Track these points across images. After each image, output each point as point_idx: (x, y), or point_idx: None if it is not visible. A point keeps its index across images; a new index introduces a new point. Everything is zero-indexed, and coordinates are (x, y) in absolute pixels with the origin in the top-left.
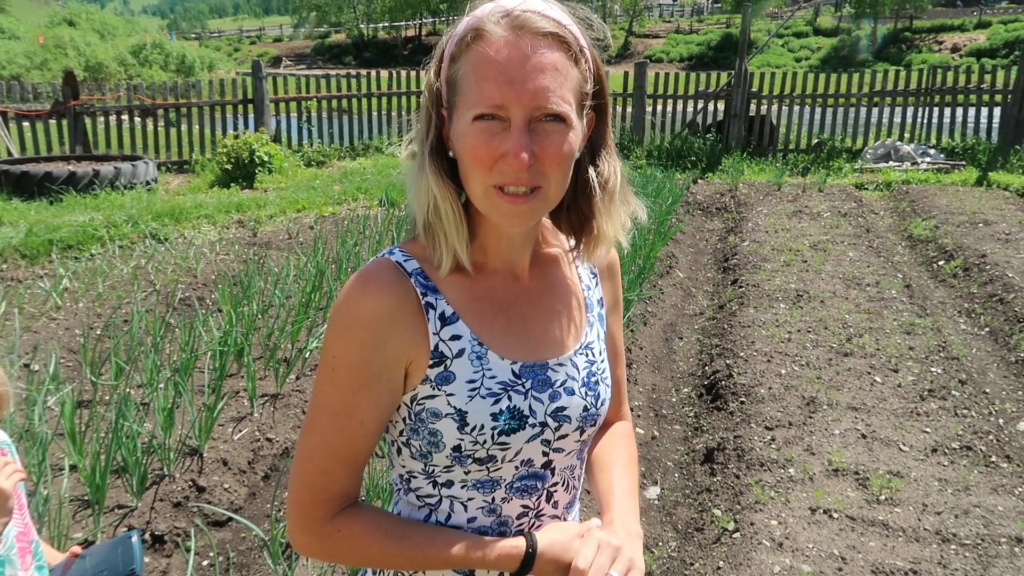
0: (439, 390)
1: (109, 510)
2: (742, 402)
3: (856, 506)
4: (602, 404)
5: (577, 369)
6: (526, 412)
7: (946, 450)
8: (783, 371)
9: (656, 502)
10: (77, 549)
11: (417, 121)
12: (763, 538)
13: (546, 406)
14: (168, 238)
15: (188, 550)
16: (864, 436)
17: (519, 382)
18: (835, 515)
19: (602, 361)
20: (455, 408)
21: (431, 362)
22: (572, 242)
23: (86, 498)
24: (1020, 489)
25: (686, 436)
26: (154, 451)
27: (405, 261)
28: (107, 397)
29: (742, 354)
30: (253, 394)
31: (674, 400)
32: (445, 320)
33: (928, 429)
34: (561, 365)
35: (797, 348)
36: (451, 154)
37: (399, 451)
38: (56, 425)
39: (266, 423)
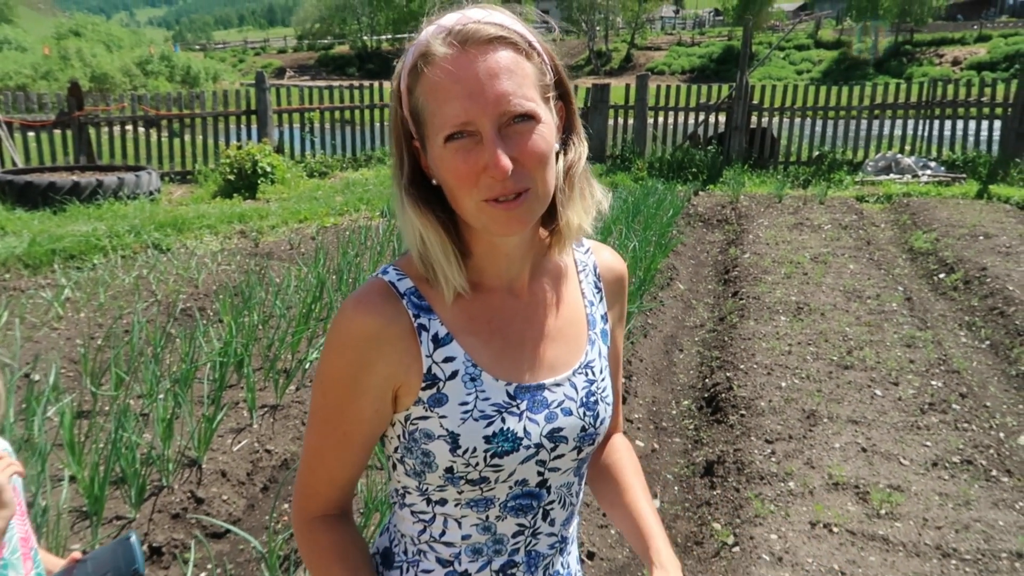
0: (432, 412)
1: (107, 521)
2: (742, 415)
3: (856, 520)
4: (601, 423)
5: (576, 389)
6: (520, 434)
7: (946, 464)
8: (783, 384)
9: None
10: (77, 555)
11: (390, 156)
12: (762, 552)
13: (541, 427)
14: (170, 248)
15: (186, 562)
16: (864, 450)
17: (513, 404)
18: (835, 529)
19: (603, 380)
20: (447, 430)
21: (424, 384)
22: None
23: (84, 509)
24: (1021, 504)
25: (686, 449)
26: (153, 462)
27: (399, 281)
28: (107, 408)
29: (742, 367)
30: (252, 405)
31: (674, 413)
32: (438, 341)
33: (928, 443)
34: (559, 385)
35: (797, 361)
36: (434, 182)
37: (395, 466)
38: (55, 436)
39: (265, 434)
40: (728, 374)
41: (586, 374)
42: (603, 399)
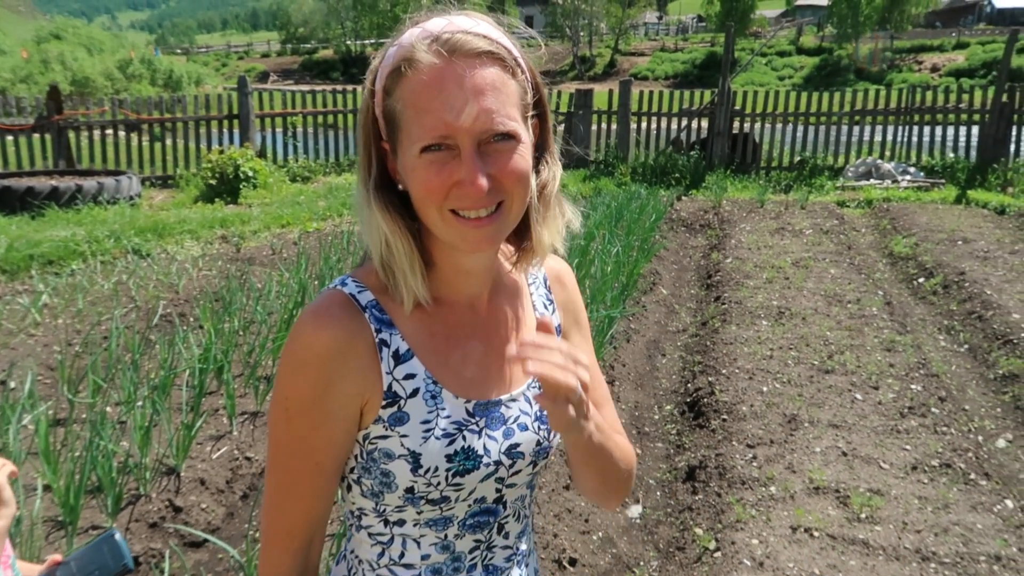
0: (392, 431)
1: (83, 531)
2: (724, 420)
3: (837, 524)
4: (554, 436)
5: (530, 404)
6: (480, 452)
7: (926, 468)
8: (765, 388)
9: (638, 521)
10: (57, 557)
11: (357, 156)
12: (744, 557)
13: (500, 444)
14: (151, 254)
15: (162, 572)
16: (845, 454)
17: (473, 421)
18: (816, 534)
19: None
20: (408, 450)
21: (384, 402)
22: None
23: (60, 519)
24: (999, 507)
25: (668, 454)
26: (130, 470)
27: (359, 293)
28: (84, 415)
29: (724, 371)
30: (232, 412)
31: (656, 418)
32: (399, 358)
33: (908, 446)
34: (514, 401)
35: (779, 365)
36: (400, 187)
37: (349, 488)
38: (30, 444)
39: (245, 441)
40: (710, 379)
41: (540, 387)
42: None
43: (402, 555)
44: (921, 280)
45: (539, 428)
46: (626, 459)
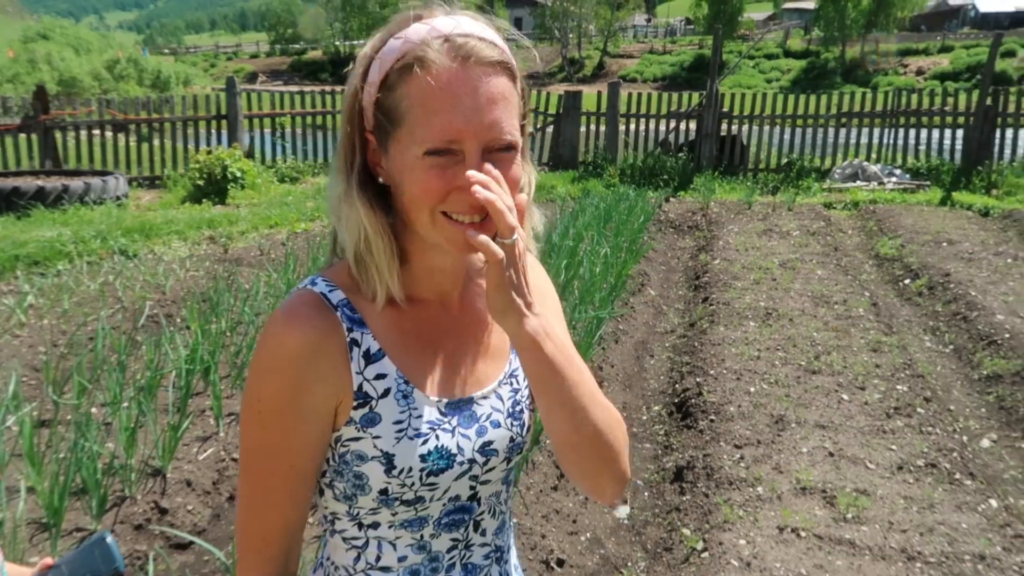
0: (364, 432)
1: (67, 533)
2: (711, 420)
3: (823, 524)
4: (527, 431)
5: (502, 400)
6: (454, 450)
7: (911, 468)
8: (752, 389)
9: (626, 522)
10: (49, 560)
11: (338, 144)
12: (731, 558)
13: (473, 442)
14: (137, 254)
15: (147, 575)
16: (831, 454)
17: (445, 420)
18: (803, 534)
19: (526, 387)
20: (382, 451)
21: (355, 403)
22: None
23: (44, 521)
24: (983, 506)
25: (656, 455)
26: (115, 472)
27: (330, 292)
28: (69, 416)
29: (712, 372)
30: (219, 413)
31: (644, 418)
32: (370, 358)
33: (894, 447)
34: (486, 398)
35: (766, 366)
36: (380, 180)
37: (321, 492)
38: (14, 445)
39: (232, 442)
40: (698, 379)
41: (511, 383)
42: (527, 407)
43: (378, 558)
44: (907, 281)
45: (512, 424)
46: (607, 416)
